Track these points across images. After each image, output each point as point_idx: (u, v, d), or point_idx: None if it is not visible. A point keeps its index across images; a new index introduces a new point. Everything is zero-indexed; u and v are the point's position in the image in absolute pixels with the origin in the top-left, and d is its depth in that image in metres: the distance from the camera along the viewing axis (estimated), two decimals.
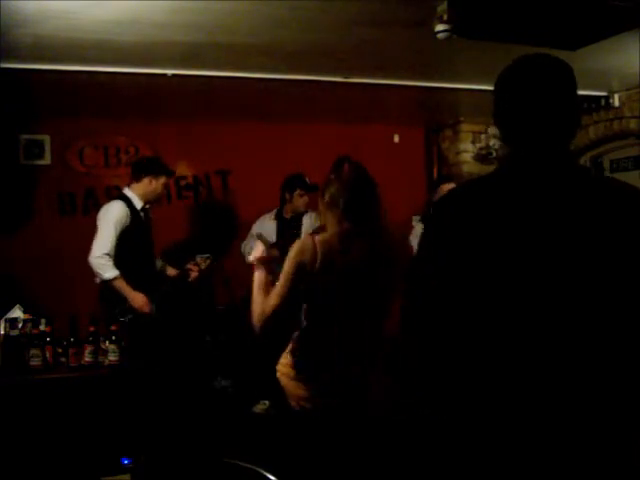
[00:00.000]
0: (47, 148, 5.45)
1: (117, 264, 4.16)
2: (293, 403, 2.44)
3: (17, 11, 3.08)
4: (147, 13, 3.22)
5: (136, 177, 4.40)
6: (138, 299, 4.15)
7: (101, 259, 4.13)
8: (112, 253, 4.15)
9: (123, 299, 4.14)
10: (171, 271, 4.65)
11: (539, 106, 1.59)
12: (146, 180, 4.35)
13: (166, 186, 4.46)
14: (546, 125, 1.59)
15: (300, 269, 2.39)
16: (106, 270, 4.12)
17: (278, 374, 2.50)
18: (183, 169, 5.76)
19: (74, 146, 5.55)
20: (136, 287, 4.19)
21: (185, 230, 5.75)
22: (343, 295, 2.41)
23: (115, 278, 4.12)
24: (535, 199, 1.55)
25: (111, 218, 4.22)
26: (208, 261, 4.69)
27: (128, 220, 4.25)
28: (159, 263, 4.66)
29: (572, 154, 1.64)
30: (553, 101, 1.59)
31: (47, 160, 5.46)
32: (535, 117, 1.59)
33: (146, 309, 4.17)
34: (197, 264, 4.57)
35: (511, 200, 1.57)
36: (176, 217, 5.66)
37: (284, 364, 2.50)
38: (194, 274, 4.51)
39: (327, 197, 2.47)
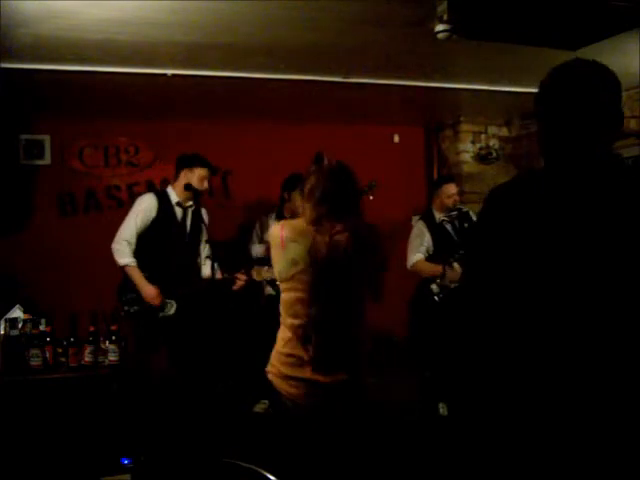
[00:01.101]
0: (47, 148, 5.45)
1: (140, 254, 4.18)
2: (288, 402, 2.43)
3: (17, 11, 3.08)
4: (147, 13, 3.22)
5: (176, 174, 4.42)
6: (149, 291, 4.13)
7: (119, 245, 4.17)
8: (132, 241, 4.18)
9: (136, 290, 4.14)
10: (218, 274, 4.58)
11: (582, 109, 1.64)
12: (182, 175, 4.36)
13: (204, 179, 4.34)
14: (589, 128, 1.64)
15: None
16: (122, 256, 4.15)
17: (269, 375, 2.50)
18: None
19: (74, 146, 5.55)
20: (157, 281, 4.17)
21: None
22: (315, 276, 2.40)
23: (128, 265, 4.14)
24: (577, 198, 1.60)
25: (137, 209, 4.28)
26: (268, 274, 4.42)
27: (154, 212, 4.26)
28: (207, 268, 4.50)
29: (614, 155, 1.69)
30: (596, 105, 1.65)
31: (47, 160, 5.46)
32: (577, 119, 1.64)
33: (156, 302, 4.15)
34: (249, 274, 4.36)
35: (554, 201, 1.62)
36: None
37: (273, 364, 2.50)
38: (240, 283, 4.32)
39: (306, 188, 2.49)
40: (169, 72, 4.21)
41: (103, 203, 5.57)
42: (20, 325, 3.47)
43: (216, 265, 4.51)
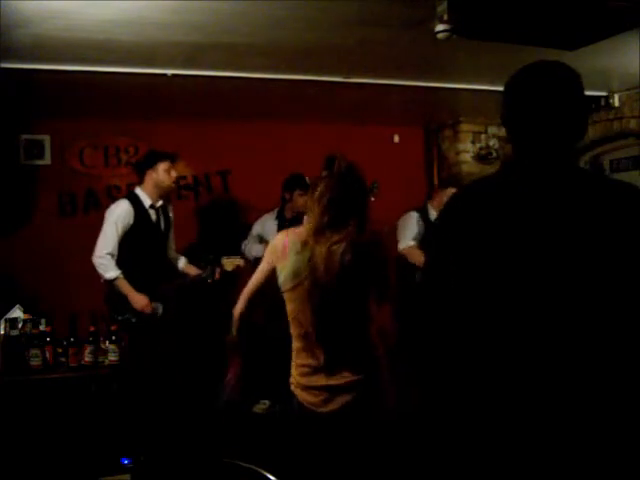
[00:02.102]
0: (47, 148, 5.45)
1: (121, 262, 4.16)
2: (308, 412, 2.44)
3: (17, 11, 3.08)
4: (147, 13, 3.22)
5: (139, 177, 4.41)
6: (139, 300, 4.13)
7: (103, 259, 4.13)
8: (115, 252, 4.15)
9: (125, 299, 4.13)
10: (192, 270, 4.63)
11: (545, 111, 1.63)
12: (147, 176, 4.34)
13: (169, 170, 4.34)
14: (551, 129, 1.63)
15: (271, 266, 2.50)
16: (107, 270, 4.12)
17: (292, 387, 2.51)
18: (183, 169, 5.76)
19: (74, 146, 5.55)
20: (141, 286, 4.17)
21: (185, 230, 5.74)
22: (313, 286, 2.39)
23: (116, 278, 4.12)
24: (538, 200, 1.58)
25: (113, 217, 4.22)
26: (236, 262, 4.62)
27: (132, 219, 4.24)
28: (182, 261, 4.64)
29: (574, 157, 1.68)
30: (559, 106, 1.63)
31: (47, 160, 5.46)
32: (540, 121, 1.63)
33: (147, 310, 4.15)
34: (221, 266, 4.49)
35: (514, 201, 1.61)
36: (176, 217, 5.65)
37: (293, 375, 2.51)
38: (217, 276, 4.40)
39: (316, 193, 2.47)
40: (169, 72, 4.21)
41: (103, 203, 5.56)
42: (20, 325, 3.47)
43: (185, 259, 4.55)
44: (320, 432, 2.42)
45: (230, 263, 4.65)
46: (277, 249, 2.49)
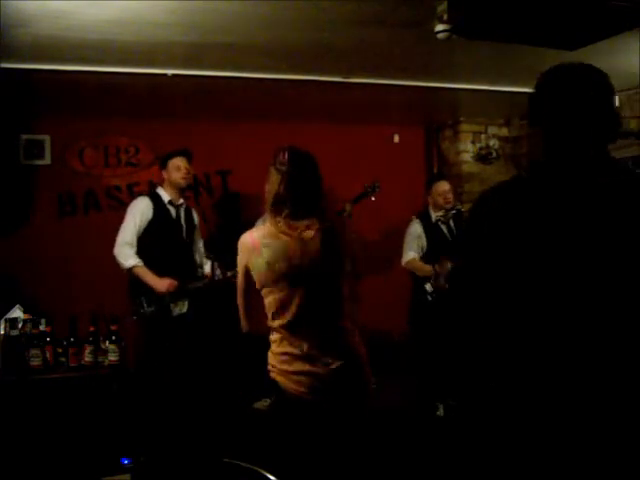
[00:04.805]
0: (47, 148, 5.45)
1: (142, 257, 4.19)
2: (293, 400, 2.45)
3: (17, 11, 3.08)
4: (147, 13, 3.22)
5: (160, 176, 4.51)
6: (162, 283, 4.15)
7: (122, 247, 4.19)
8: (133, 242, 4.22)
9: (149, 290, 4.14)
10: (219, 273, 4.61)
11: (579, 111, 1.67)
12: (164, 174, 4.43)
13: (179, 168, 4.38)
14: (584, 129, 1.67)
15: (246, 270, 2.50)
16: (127, 258, 4.17)
17: (272, 374, 2.51)
18: None
19: (74, 146, 5.55)
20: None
21: None
22: (290, 276, 2.41)
23: (136, 266, 4.16)
24: (570, 199, 1.62)
25: (133, 211, 4.31)
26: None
27: (151, 213, 4.30)
28: (209, 266, 4.60)
29: (608, 155, 1.71)
30: (592, 107, 1.68)
31: (47, 160, 5.46)
32: (573, 122, 1.68)
33: (172, 288, 4.15)
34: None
35: (546, 200, 1.65)
36: None
37: (272, 364, 2.51)
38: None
39: (266, 188, 2.53)
40: (169, 72, 4.21)
41: (103, 203, 5.57)
42: (20, 325, 3.47)
43: (216, 264, 4.53)
44: (304, 418, 2.43)
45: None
46: (247, 246, 2.50)
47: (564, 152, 1.68)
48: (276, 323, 2.47)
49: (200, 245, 4.63)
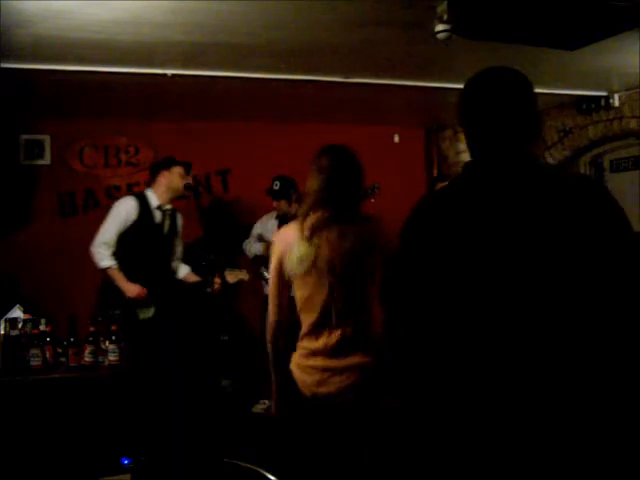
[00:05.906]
0: (47, 148, 5.46)
1: (119, 258, 4.21)
2: (305, 394, 2.46)
3: (17, 11, 3.08)
4: (147, 13, 3.22)
5: (152, 177, 4.49)
6: (132, 289, 4.18)
7: (99, 247, 4.22)
8: (111, 243, 4.23)
9: (119, 294, 4.15)
10: (192, 277, 4.65)
11: (496, 115, 1.69)
12: (160, 177, 4.42)
13: (182, 177, 4.43)
14: (502, 133, 1.68)
15: (280, 263, 2.52)
16: (102, 259, 4.20)
17: (291, 365, 2.54)
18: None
19: (74, 146, 5.56)
20: (134, 282, 4.21)
21: (185, 230, 5.74)
22: (320, 273, 2.43)
23: (109, 268, 4.19)
24: (494, 199, 1.64)
25: (116, 212, 4.31)
26: (240, 276, 4.64)
27: (135, 215, 4.30)
28: (183, 270, 4.65)
29: (531, 154, 1.71)
30: (507, 109, 1.69)
31: (47, 160, 5.46)
32: (492, 126, 1.69)
33: (141, 296, 4.18)
34: (223, 277, 4.47)
35: (471, 202, 1.67)
36: None
37: (295, 356, 2.55)
38: (217, 287, 4.40)
39: (306, 188, 2.53)
40: (169, 72, 4.20)
41: (103, 203, 5.57)
42: (20, 325, 3.47)
43: (188, 268, 4.56)
44: (315, 413, 2.45)
45: (233, 275, 4.66)
46: (283, 240, 2.54)
47: (484, 153, 1.71)
48: (302, 318, 2.51)
49: (178, 250, 4.63)
